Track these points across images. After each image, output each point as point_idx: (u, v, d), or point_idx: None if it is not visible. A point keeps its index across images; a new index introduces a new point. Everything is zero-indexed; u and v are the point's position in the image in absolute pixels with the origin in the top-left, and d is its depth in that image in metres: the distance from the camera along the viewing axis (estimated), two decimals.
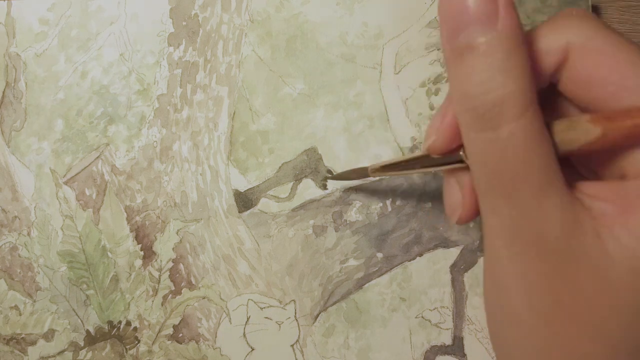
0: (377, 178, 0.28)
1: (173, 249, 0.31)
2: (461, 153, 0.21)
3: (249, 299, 0.30)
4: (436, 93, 0.30)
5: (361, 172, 0.28)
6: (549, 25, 0.18)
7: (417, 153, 0.23)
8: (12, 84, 0.31)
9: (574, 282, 0.18)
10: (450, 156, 0.21)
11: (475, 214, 0.22)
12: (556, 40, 0.18)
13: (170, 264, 0.31)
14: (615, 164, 0.18)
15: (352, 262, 0.30)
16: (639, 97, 0.17)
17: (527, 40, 0.17)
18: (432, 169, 0.23)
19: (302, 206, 0.30)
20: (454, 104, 0.19)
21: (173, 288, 0.31)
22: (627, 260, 0.17)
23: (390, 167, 0.25)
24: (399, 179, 0.30)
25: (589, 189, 0.18)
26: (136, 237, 0.31)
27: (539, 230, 0.18)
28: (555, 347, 0.18)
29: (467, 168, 0.21)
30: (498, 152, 0.17)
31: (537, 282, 0.18)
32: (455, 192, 0.23)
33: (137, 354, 0.31)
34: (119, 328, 0.31)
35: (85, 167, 0.31)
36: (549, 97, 0.20)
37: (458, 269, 0.30)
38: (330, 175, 0.30)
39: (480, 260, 0.29)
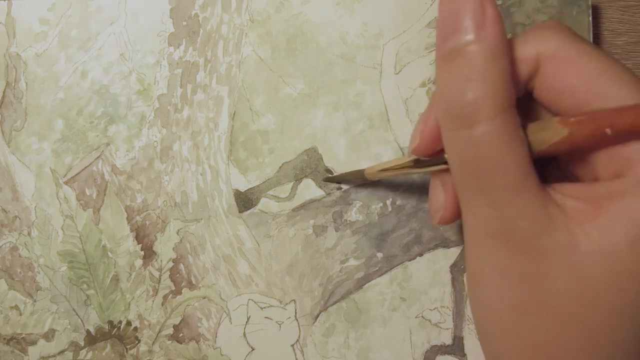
0: (375, 179, 0.29)
1: (173, 248, 0.31)
2: (445, 156, 0.22)
3: (249, 299, 0.30)
4: None
5: (358, 175, 0.28)
6: (523, 37, 0.20)
7: (407, 157, 0.24)
8: (13, 84, 0.31)
9: (546, 277, 0.18)
10: (435, 159, 0.22)
11: (456, 215, 0.23)
12: (528, 50, 0.19)
13: (171, 264, 0.31)
14: (589, 167, 0.19)
15: (352, 262, 0.30)
16: (604, 103, 0.18)
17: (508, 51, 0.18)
18: (421, 171, 0.24)
19: (303, 206, 0.30)
20: (436, 104, 0.20)
21: (173, 288, 0.31)
22: (597, 256, 0.17)
23: (385, 169, 0.26)
24: (399, 179, 0.30)
25: (563, 188, 0.19)
26: (136, 237, 0.31)
27: (512, 227, 0.18)
28: (530, 337, 0.19)
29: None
30: (472, 150, 0.18)
31: (510, 276, 0.19)
32: (438, 194, 0.24)
33: (137, 353, 0.31)
34: (119, 328, 0.31)
35: (85, 167, 0.31)
36: (525, 105, 0.21)
37: (458, 269, 0.30)
38: (328, 176, 0.30)
39: None
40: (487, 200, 0.18)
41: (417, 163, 0.24)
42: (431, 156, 0.23)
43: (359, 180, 0.30)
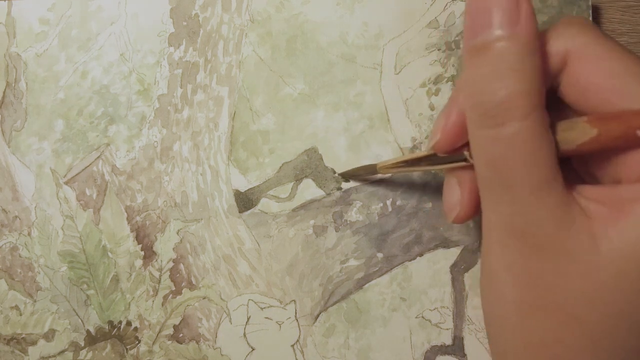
0: (386, 175, 0.28)
1: (173, 249, 0.31)
2: (465, 152, 0.21)
3: (249, 299, 0.30)
4: (436, 93, 0.30)
5: (370, 169, 0.28)
6: (551, 32, 0.19)
7: (424, 152, 0.23)
8: (13, 84, 0.31)
9: (563, 278, 0.18)
10: (454, 155, 0.22)
11: (472, 214, 0.23)
12: (556, 46, 0.19)
13: (171, 264, 0.31)
14: (611, 169, 0.19)
15: (352, 262, 0.30)
16: (631, 103, 0.18)
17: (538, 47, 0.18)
18: (438, 167, 0.23)
19: (303, 206, 0.30)
20: (463, 100, 0.19)
21: (173, 288, 0.31)
22: (617, 260, 0.17)
23: (398, 164, 0.25)
24: (399, 179, 0.30)
25: (586, 191, 0.19)
26: (136, 237, 0.31)
27: (534, 226, 0.18)
28: (537, 335, 0.19)
29: (470, 167, 0.22)
30: (502, 149, 0.18)
31: (523, 275, 0.19)
32: (454, 191, 0.23)
33: (137, 354, 0.31)
34: (119, 328, 0.31)
35: (85, 167, 0.31)
36: (549, 102, 0.21)
37: (458, 269, 0.30)
38: (338, 173, 0.30)
39: (480, 261, 0.30)
40: (512, 199, 0.18)
41: (434, 159, 0.23)
42: (450, 153, 0.22)
43: (371, 174, 0.29)
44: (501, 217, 0.19)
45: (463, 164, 0.22)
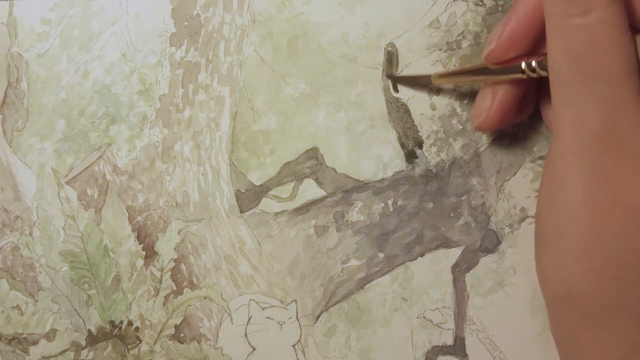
0: (441, 85, 0.28)
1: (175, 248, 0.31)
2: (523, 64, 0.22)
3: (250, 299, 0.30)
4: (437, 93, 0.30)
5: (424, 80, 0.28)
6: None
7: (478, 64, 0.24)
8: (14, 84, 0.31)
9: (634, 175, 0.18)
10: (509, 67, 0.23)
11: (495, 124, 0.24)
12: None
13: (172, 264, 0.31)
14: None
15: (353, 262, 0.30)
16: None
17: None
18: (492, 78, 0.24)
19: (304, 206, 0.30)
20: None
21: (174, 288, 0.31)
22: None
23: (453, 74, 0.26)
24: (399, 179, 0.30)
25: None
26: (138, 237, 0.31)
27: (612, 123, 0.18)
28: (608, 239, 0.19)
29: (523, 80, 0.23)
30: (585, 38, 0.18)
31: (599, 175, 0.19)
32: (486, 100, 0.24)
33: (138, 353, 0.31)
34: (120, 328, 0.31)
35: (87, 167, 0.31)
36: None
37: (460, 269, 0.30)
38: (392, 74, 0.29)
39: (482, 261, 0.29)
40: (590, 90, 0.18)
41: (488, 71, 0.24)
42: (502, 64, 0.23)
43: (424, 84, 0.29)
44: (577, 114, 0.19)
45: (519, 76, 0.22)
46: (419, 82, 0.29)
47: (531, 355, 0.29)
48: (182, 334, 0.31)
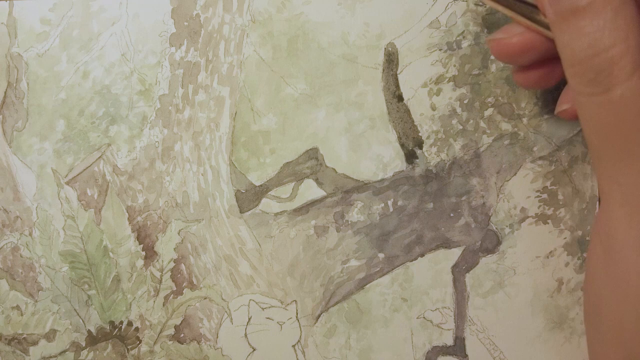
0: (489, 4, 0.24)
1: (174, 249, 0.31)
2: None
3: (250, 299, 0.30)
4: (437, 93, 0.30)
5: None
6: None
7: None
8: (14, 84, 0.31)
9: None
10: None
11: (509, 52, 0.22)
12: None
13: (172, 264, 0.31)
14: None
15: (353, 263, 0.30)
16: None
17: None
18: (535, 26, 0.21)
19: (304, 206, 0.30)
20: (564, 68, 0.18)
21: (174, 288, 0.31)
22: None
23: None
24: (399, 180, 0.30)
25: None
26: (138, 238, 0.31)
27: None
28: None
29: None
30: (611, 115, 0.17)
31: None
32: (517, 26, 0.22)
33: (138, 354, 0.31)
34: (120, 328, 0.31)
35: (86, 167, 0.31)
36: None
37: (460, 270, 0.30)
38: None
39: (482, 261, 0.29)
40: (627, 169, 0.18)
41: (536, 15, 0.21)
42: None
43: None
44: (623, 190, 0.18)
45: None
46: None
47: (531, 355, 0.29)
48: (182, 335, 0.31)
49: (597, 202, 0.29)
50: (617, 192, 0.19)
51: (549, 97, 0.29)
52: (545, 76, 0.24)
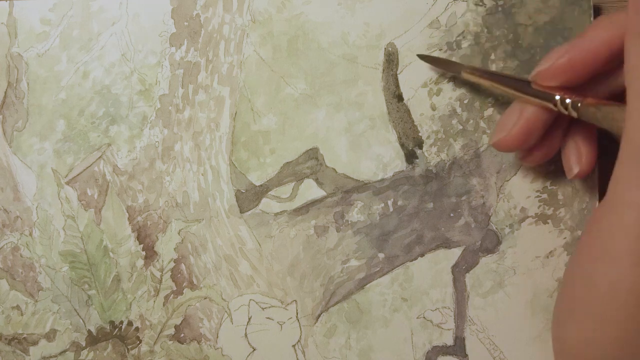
0: (469, 79, 0.27)
1: (175, 249, 0.31)
2: (557, 97, 0.22)
3: (250, 299, 0.30)
4: (437, 93, 0.30)
5: (454, 67, 0.28)
6: None
7: (519, 75, 0.24)
8: (14, 84, 0.31)
9: None
10: (546, 93, 0.23)
11: (514, 144, 0.24)
12: None
13: (172, 264, 0.31)
14: None
15: (353, 263, 0.30)
16: None
17: None
18: (520, 95, 0.24)
19: (304, 206, 0.30)
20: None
21: (175, 288, 0.31)
22: None
23: (484, 74, 0.26)
24: (399, 180, 0.30)
25: None
26: (138, 237, 0.31)
27: None
28: None
29: (549, 112, 0.23)
30: None
31: None
32: (512, 117, 0.24)
33: (138, 354, 0.31)
34: (120, 328, 0.31)
35: (87, 167, 0.31)
36: None
37: (460, 270, 0.30)
38: (423, 54, 0.29)
39: (482, 261, 0.29)
40: None
41: (523, 87, 0.23)
42: (542, 88, 0.23)
43: (452, 72, 0.29)
44: None
45: (547, 105, 0.22)
46: (447, 67, 0.29)
47: (531, 355, 0.29)
48: (182, 334, 0.31)
49: (598, 202, 0.29)
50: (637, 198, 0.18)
51: None
52: (549, 149, 0.25)
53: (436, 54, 0.30)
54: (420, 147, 0.30)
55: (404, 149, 0.30)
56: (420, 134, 0.30)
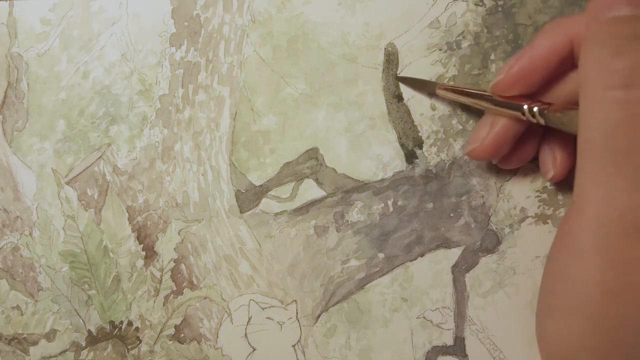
0: (443, 96, 0.28)
1: (175, 249, 0.31)
2: (525, 107, 0.23)
3: (250, 299, 0.30)
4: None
5: (429, 87, 0.29)
6: None
7: (485, 89, 0.25)
8: (14, 84, 0.31)
9: None
10: (512, 103, 0.24)
11: (487, 154, 0.25)
12: None
13: (172, 264, 0.31)
14: None
15: (353, 263, 0.30)
16: None
17: None
18: (491, 108, 0.25)
19: (304, 206, 0.30)
20: (589, 60, 0.19)
21: (174, 288, 0.31)
22: None
23: (456, 91, 0.27)
24: (399, 180, 0.30)
25: None
26: (138, 237, 0.31)
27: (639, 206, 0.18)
28: (611, 320, 0.19)
29: (516, 120, 0.24)
30: (625, 115, 0.17)
31: (617, 260, 0.18)
32: (484, 129, 0.25)
33: (138, 354, 0.31)
34: (120, 328, 0.31)
35: (87, 167, 0.31)
36: None
37: (459, 270, 0.30)
38: (397, 76, 0.30)
39: (482, 261, 0.29)
40: (624, 174, 0.18)
41: (491, 100, 0.24)
42: (506, 99, 0.24)
43: (428, 91, 0.29)
44: (604, 192, 0.18)
45: (518, 115, 0.23)
46: (423, 87, 0.30)
47: (531, 355, 0.29)
48: (182, 334, 0.31)
49: None
50: (598, 193, 0.19)
51: None
52: (525, 153, 0.26)
53: (436, 54, 0.30)
54: (420, 147, 0.30)
55: (404, 149, 0.30)
56: (420, 134, 0.30)
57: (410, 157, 0.30)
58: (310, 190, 0.30)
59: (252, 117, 0.31)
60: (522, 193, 0.29)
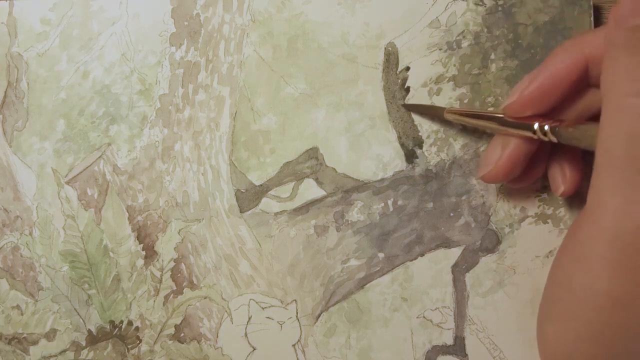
0: (452, 120, 0.28)
1: (175, 248, 0.31)
2: (536, 126, 0.22)
3: (250, 299, 0.30)
4: (438, 93, 0.30)
5: (437, 111, 0.29)
6: None
7: (495, 110, 0.25)
8: (14, 84, 0.31)
9: None
10: (523, 123, 0.23)
11: (500, 178, 0.24)
12: None
13: (172, 264, 0.31)
14: None
15: (353, 262, 0.30)
16: None
17: None
18: (502, 129, 0.24)
19: (304, 206, 0.30)
20: (615, 65, 0.19)
21: (175, 288, 0.31)
22: None
23: (466, 114, 0.27)
24: (399, 179, 0.30)
25: None
26: (138, 237, 0.31)
27: None
28: (615, 329, 0.19)
29: (528, 140, 0.23)
30: None
31: (629, 272, 0.18)
32: (496, 151, 0.24)
33: (138, 353, 0.31)
34: (120, 328, 0.31)
35: (87, 167, 0.31)
36: None
37: (460, 269, 0.30)
38: (403, 103, 0.30)
39: (482, 261, 0.30)
40: None
41: (502, 121, 0.24)
42: (519, 119, 0.23)
43: (436, 117, 0.29)
44: (623, 202, 0.18)
45: (529, 134, 0.23)
46: (430, 113, 0.29)
47: (531, 355, 0.29)
48: (182, 334, 0.31)
49: None
50: (616, 203, 0.19)
51: None
52: (535, 172, 0.26)
53: (436, 54, 0.30)
54: (420, 147, 0.30)
55: (404, 148, 0.30)
56: (420, 134, 0.30)
57: (410, 156, 0.30)
58: (310, 190, 0.30)
59: (252, 117, 0.31)
60: (522, 193, 0.29)
